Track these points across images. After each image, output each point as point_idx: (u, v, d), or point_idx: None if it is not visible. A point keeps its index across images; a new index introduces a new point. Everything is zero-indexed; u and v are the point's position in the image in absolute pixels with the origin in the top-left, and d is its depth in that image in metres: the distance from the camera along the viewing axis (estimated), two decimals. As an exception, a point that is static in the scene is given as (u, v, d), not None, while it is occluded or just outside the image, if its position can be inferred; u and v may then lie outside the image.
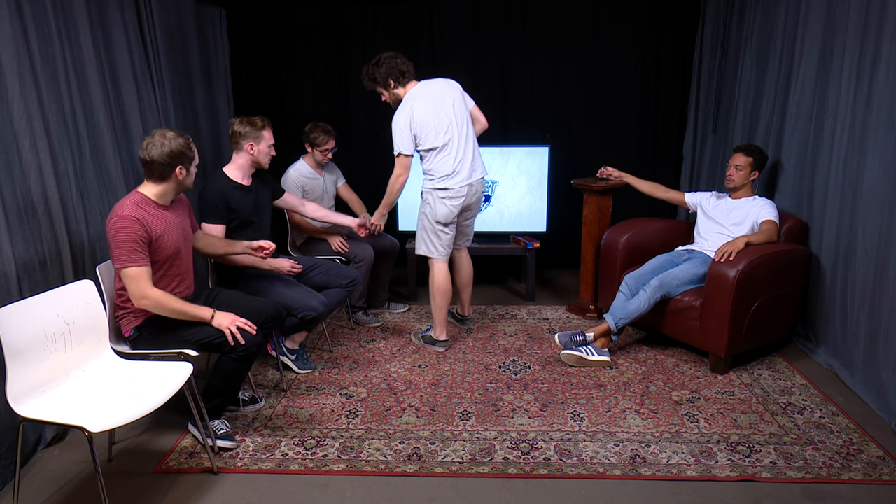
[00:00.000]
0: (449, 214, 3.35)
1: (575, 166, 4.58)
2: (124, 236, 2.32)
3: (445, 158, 3.29)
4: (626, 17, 4.59)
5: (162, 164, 2.40)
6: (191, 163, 2.50)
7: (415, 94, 3.28)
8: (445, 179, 3.31)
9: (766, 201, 3.42)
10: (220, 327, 2.44)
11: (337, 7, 4.68)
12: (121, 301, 2.50)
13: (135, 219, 2.34)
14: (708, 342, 3.19)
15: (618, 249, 3.74)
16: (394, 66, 3.29)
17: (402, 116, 3.25)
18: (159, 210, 2.46)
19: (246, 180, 3.09)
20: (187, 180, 2.52)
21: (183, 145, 2.43)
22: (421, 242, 3.48)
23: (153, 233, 2.39)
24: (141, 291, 2.36)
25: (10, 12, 2.44)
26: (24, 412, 2.04)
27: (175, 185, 2.49)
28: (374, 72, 3.33)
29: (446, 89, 3.33)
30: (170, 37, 3.70)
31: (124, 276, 2.36)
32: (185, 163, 2.46)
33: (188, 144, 2.46)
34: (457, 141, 3.29)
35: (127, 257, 2.33)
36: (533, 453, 2.54)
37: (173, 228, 2.50)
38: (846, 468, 2.40)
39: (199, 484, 2.38)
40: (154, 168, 2.41)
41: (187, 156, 2.46)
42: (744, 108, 4.08)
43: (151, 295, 2.37)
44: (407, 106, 3.25)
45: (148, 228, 2.37)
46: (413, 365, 3.37)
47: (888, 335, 2.73)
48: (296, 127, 4.86)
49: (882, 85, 2.80)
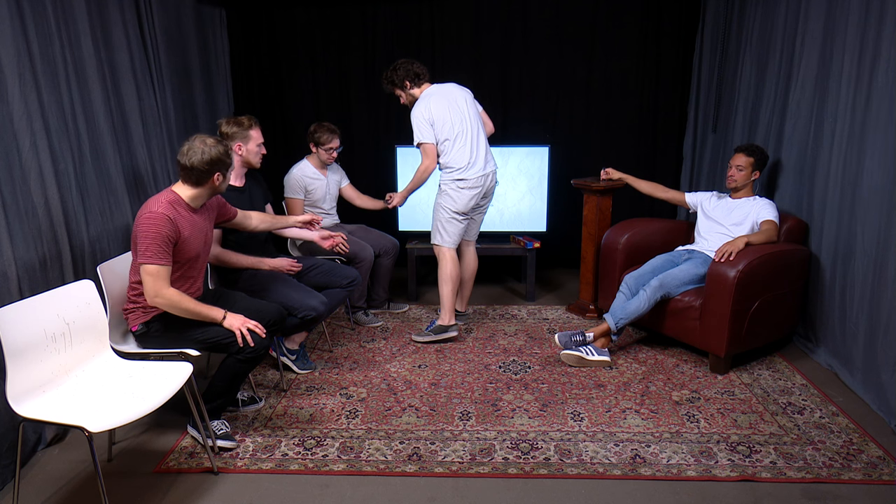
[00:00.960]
0: (467, 204, 3.55)
1: (575, 166, 4.58)
2: (154, 233, 2.33)
3: (462, 150, 3.48)
4: (626, 18, 4.59)
5: (201, 170, 2.42)
6: (227, 170, 2.53)
7: (430, 92, 3.52)
8: (463, 171, 3.50)
9: (766, 201, 3.42)
10: (231, 328, 2.46)
11: (337, 7, 4.68)
12: (133, 294, 2.50)
13: (167, 217, 2.36)
14: (708, 342, 3.19)
15: (618, 249, 3.74)
16: (409, 69, 3.54)
17: (420, 110, 3.46)
18: (189, 213, 2.48)
19: (238, 181, 3.09)
20: (222, 186, 2.55)
21: (223, 153, 2.46)
22: (435, 232, 3.65)
23: (181, 234, 2.41)
24: (157, 290, 2.37)
25: (10, 12, 2.44)
26: (24, 412, 2.04)
27: (209, 190, 2.52)
28: (392, 75, 3.56)
29: (459, 90, 3.58)
30: (170, 37, 3.70)
31: (144, 272, 2.36)
32: (223, 170, 2.49)
33: (227, 152, 2.50)
34: (470, 133, 3.50)
35: (153, 254, 2.34)
36: (533, 453, 2.54)
37: (198, 233, 2.52)
38: (846, 468, 2.40)
39: (199, 484, 2.38)
40: (192, 173, 2.44)
41: (226, 163, 2.49)
42: (744, 108, 4.08)
43: (166, 294, 2.38)
44: (423, 101, 3.48)
45: (177, 229, 2.39)
46: (413, 365, 3.37)
47: (888, 335, 2.73)
48: (295, 127, 4.88)
49: (882, 85, 2.80)
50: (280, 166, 4.77)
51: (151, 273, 2.35)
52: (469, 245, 3.82)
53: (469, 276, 3.86)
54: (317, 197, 3.85)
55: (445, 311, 3.63)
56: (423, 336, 3.68)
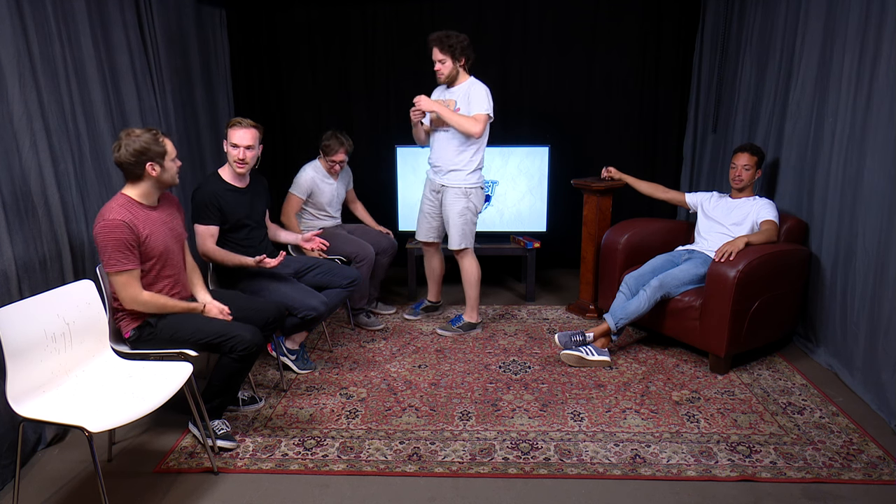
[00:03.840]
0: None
1: (575, 166, 4.58)
2: (113, 240, 2.31)
3: (483, 152, 3.62)
4: (626, 17, 4.59)
5: (131, 163, 2.35)
6: (162, 158, 2.40)
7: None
8: (481, 174, 3.65)
9: (766, 201, 3.42)
10: (211, 314, 2.56)
11: (337, 7, 4.68)
12: (117, 304, 2.50)
13: (122, 222, 2.32)
14: (708, 342, 3.19)
15: (618, 249, 3.74)
16: (472, 52, 3.50)
17: (488, 91, 3.47)
18: (145, 210, 2.44)
19: (240, 182, 3.06)
20: (164, 176, 2.43)
21: (149, 140, 2.35)
22: (464, 237, 3.66)
23: (141, 234, 2.38)
24: (131, 296, 2.37)
25: (10, 12, 2.44)
26: (24, 412, 2.04)
27: (153, 182, 2.43)
28: (457, 42, 3.42)
29: None
30: (170, 37, 3.70)
31: (114, 282, 2.37)
32: (154, 159, 2.37)
33: (155, 139, 2.37)
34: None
35: (116, 262, 2.33)
36: (533, 453, 2.54)
37: (161, 228, 2.49)
38: (846, 468, 2.40)
39: (199, 484, 2.38)
40: (126, 168, 2.38)
41: (155, 151, 2.36)
42: (744, 108, 4.08)
43: (141, 299, 2.39)
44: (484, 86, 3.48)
45: (136, 230, 2.36)
46: (413, 365, 3.37)
47: (888, 335, 2.73)
48: (295, 127, 4.89)
49: (882, 85, 2.80)
50: (279, 167, 4.79)
51: (121, 281, 2.35)
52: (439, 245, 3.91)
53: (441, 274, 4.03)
54: (324, 200, 3.83)
55: (475, 309, 3.79)
56: (450, 331, 3.77)
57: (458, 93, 3.50)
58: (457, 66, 3.46)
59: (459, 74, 3.50)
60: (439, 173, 3.61)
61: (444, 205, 3.65)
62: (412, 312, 4.05)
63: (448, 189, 3.59)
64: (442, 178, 3.60)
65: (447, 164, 3.55)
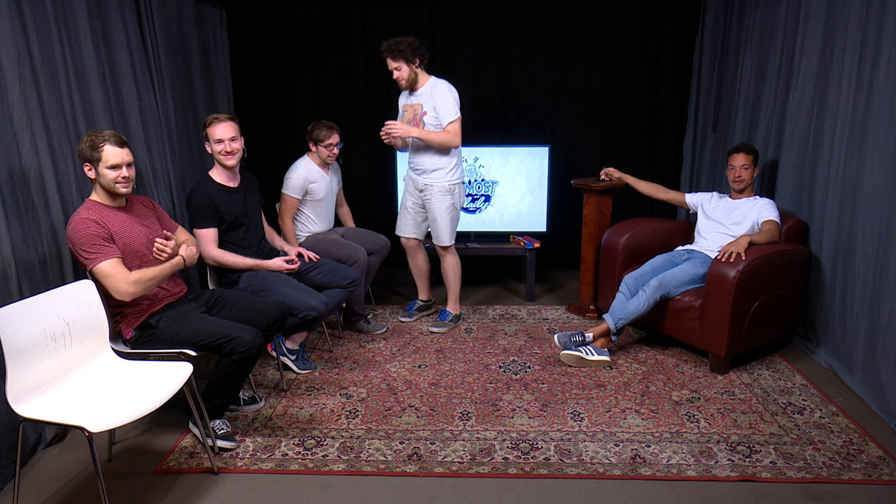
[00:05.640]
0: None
1: (575, 166, 4.59)
2: (84, 235, 2.33)
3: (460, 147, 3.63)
4: (626, 17, 4.60)
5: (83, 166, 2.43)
6: (97, 163, 2.38)
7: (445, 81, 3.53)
8: (462, 168, 3.70)
9: (767, 201, 3.42)
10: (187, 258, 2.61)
11: (337, 7, 4.69)
12: (112, 305, 2.50)
13: (89, 219, 2.36)
14: (708, 342, 3.19)
15: (618, 249, 3.74)
16: (424, 51, 3.50)
17: (453, 92, 3.49)
18: (113, 211, 2.47)
19: (231, 182, 3.06)
20: (102, 181, 2.41)
21: (84, 143, 2.39)
22: (451, 233, 3.74)
23: (111, 229, 2.40)
24: (122, 280, 2.37)
25: (10, 12, 2.44)
26: (24, 412, 2.04)
27: (104, 185, 2.43)
28: (406, 46, 3.44)
29: None
30: (170, 37, 3.70)
31: (99, 275, 2.36)
32: (89, 162, 2.39)
33: (92, 145, 2.37)
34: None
35: (95, 254, 2.34)
36: (533, 453, 2.54)
37: (133, 226, 2.51)
38: (846, 468, 2.40)
39: (199, 484, 2.38)
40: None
41: (89, 156, 2.38)
42: (744, 108, 4.08)
43: (130, 279, 2.39)
44: (448, 85, 3.50)
45: (105, 226, 2.39)
46: (413, 365, 3.37)
47: (888, 335, 2.73)
48: (295, 127, 4.88)
49: (882, 85, 2.80)
50: (279, 166, 4.77)
51: (106, 272, 2.35)
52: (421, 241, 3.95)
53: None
54: (319, 197, 3.79)
55: (458, 301, 3.93)
56: (441, 327, 3.81)
57: (423, 96, 3.53)
58: (413, 69, 3.49)
59: (419, 76, 3.53)
60: (422, 175, 3.64)
61: (429, 203, 3.66)
62: (406, 315, 4.04)
63: (432, 187, 3.61)
64: (426, 178, 3.63)
65: (429, 165, 3.59)
